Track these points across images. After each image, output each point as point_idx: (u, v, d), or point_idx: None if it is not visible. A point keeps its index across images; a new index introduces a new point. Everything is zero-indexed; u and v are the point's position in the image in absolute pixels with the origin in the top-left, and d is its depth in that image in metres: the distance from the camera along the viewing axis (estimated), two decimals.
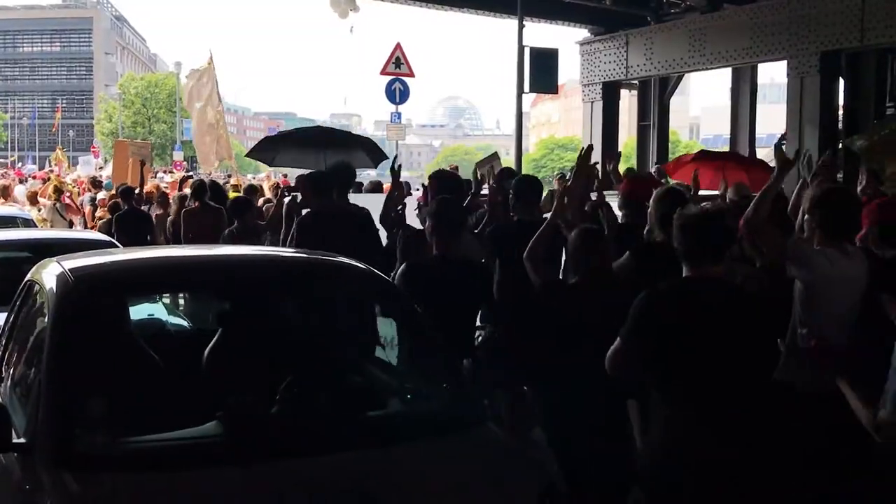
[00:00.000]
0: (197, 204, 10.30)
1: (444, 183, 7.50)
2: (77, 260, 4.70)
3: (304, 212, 7.26)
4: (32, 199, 15.05)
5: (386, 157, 11.30)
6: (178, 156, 46.65)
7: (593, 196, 6.62)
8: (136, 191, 12.14)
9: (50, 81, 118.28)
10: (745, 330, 3.71)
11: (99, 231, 11.08)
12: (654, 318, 3.74)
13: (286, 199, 8.03)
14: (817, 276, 4.38)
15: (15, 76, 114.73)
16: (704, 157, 12.85)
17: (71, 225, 13.90)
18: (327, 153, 10.41)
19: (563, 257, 5.54)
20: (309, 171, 8.49)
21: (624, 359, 3.82)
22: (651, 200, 5.55)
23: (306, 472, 3.44)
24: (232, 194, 12.64)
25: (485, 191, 8.37)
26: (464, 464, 3.69)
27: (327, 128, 12.91)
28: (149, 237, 10.40)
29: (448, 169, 8.69)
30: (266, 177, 23.25)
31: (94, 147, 53.90)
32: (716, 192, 8.84)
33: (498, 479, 3.65)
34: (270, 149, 11.99)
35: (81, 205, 15.73)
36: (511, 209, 6.58)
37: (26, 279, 4.96)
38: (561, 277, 5.52)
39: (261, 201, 12.34)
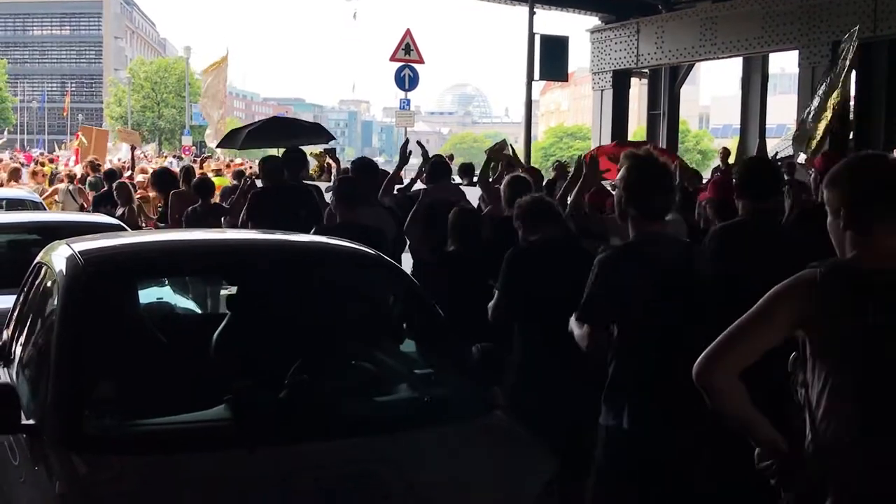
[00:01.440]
0: (185, 187, 10.98)
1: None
2: (86, 242, 4.70)
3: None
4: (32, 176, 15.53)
5: (333, 137, 14.67)
6: (187, 140, 46.68)
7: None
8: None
9: (59, 65, 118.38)
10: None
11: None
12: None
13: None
14: None
15: (25, 59, 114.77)
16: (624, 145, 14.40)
17: (82, 208, 14.03)
18: (281, 139, 12.64)
19: None
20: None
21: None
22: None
23: (314, 456, 3.44)
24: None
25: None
26: (471, 451, 3.69)
27: (281, 117, 15.64)
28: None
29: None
30: None
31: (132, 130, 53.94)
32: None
33: (505, 467, 3.65)
34: (235, 138, 14.19)
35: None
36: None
37: (36, 261, 4.96)
38: None
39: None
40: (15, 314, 5.02)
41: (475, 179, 10.79)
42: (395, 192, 8.33)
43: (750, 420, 2.67)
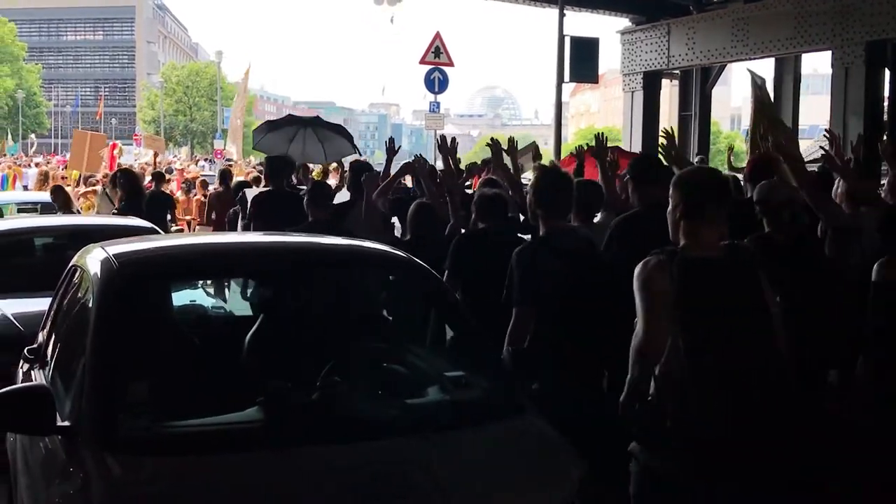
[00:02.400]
0: (221, 188, 11.98)
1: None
2: (121, 245, 4.74)
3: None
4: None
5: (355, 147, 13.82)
6: (219, 144, 46.96)
7: None
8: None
9: (93, 70, 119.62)
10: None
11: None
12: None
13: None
14: None
15: (58, 64, 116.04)
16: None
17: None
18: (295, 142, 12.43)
19: None
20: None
21: None
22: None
23: (345, 458, 3.45)
24: None
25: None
26: (503, 452, 3.69)
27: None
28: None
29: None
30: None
31: (136, 135, 54.45)
32: None
33: (538, 468, 3.65)
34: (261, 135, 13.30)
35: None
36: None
37: (70, 264, 5.02)
38: None
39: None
40: (50, 317, 5.08)
41: None
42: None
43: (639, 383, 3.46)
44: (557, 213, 4.87)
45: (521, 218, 6.66)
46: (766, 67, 36.76)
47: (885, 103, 17.80)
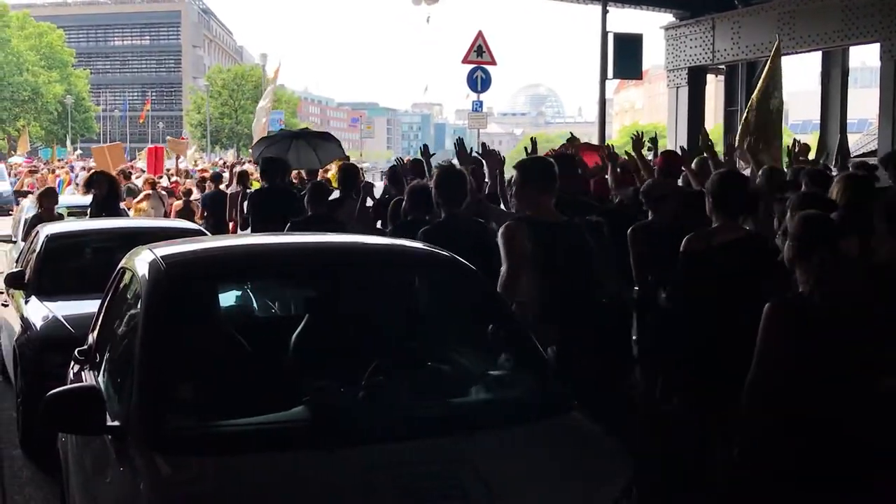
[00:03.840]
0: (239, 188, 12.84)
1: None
2: (168, 247, 4.80)
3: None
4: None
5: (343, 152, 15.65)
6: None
7: None
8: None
9: (140, 74, 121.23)
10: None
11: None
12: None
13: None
14: None
15: (106, 69, 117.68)
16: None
17: (166, 215, 14.96)
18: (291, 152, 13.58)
19: None
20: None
21: None
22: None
23: (392, 457, 3.46)
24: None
25: None
26: (548, 452, 3.67)
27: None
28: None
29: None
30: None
31: (183, 138, 55.06)
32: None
33: (582, 468, 3.63)
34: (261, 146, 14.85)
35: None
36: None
37: (119, 266, 5.08)
38: None
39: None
40: (100, 318, 5.15)
41: None
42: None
43: None
44: (453, 203, 6.17)
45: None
46: (813, 61, 36.33)
47: None
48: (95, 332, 5.09)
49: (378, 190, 10.27)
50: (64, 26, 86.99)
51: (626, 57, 19.66)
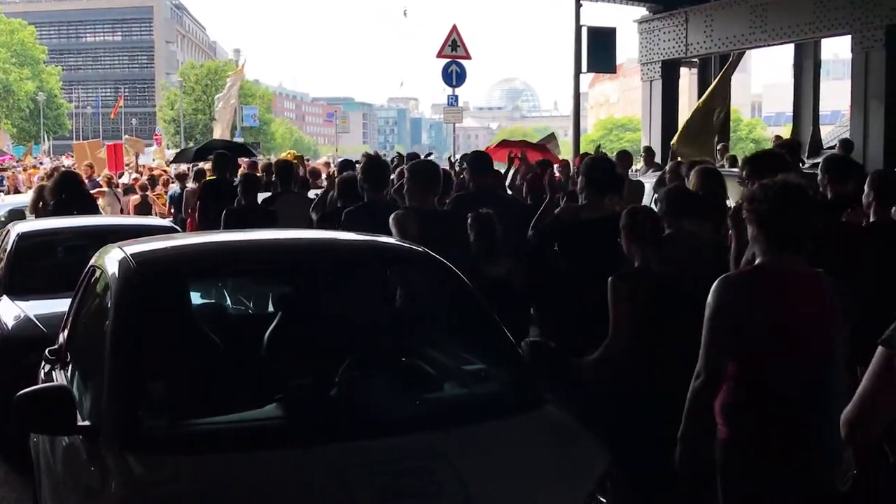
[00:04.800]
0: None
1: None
2: (139, 245, 4.75)
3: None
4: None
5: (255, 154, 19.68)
6: (238, 141, 47.08)
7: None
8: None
9: (112, 70, 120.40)
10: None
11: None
12: None
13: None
14: None
15: (78, 66, 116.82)
16: (507, 144, 16.34)
17: (122, 210, 15.25)
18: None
19: None
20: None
21: None
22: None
23: (366, 454, 3.44)
24: None
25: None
26: (523, 446, 3.68)
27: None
28: None
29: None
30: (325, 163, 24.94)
31: (157, 135, 54.71)
32: None
33: (557, 462, 3.63)
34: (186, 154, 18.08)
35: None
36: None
37: (89, 264, 5.03)
38: None
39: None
40: (70, 317, 5.10)
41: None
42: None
43: None
44: (352, 198, 7.20)
45: None
46: (785, 53, 36.54)
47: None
48: (66, 332, 5.05)
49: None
50: (35, 23, 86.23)
51: (599, 51, 19.68)
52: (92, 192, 15.54)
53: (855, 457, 3.19)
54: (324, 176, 14.40)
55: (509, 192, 9.25)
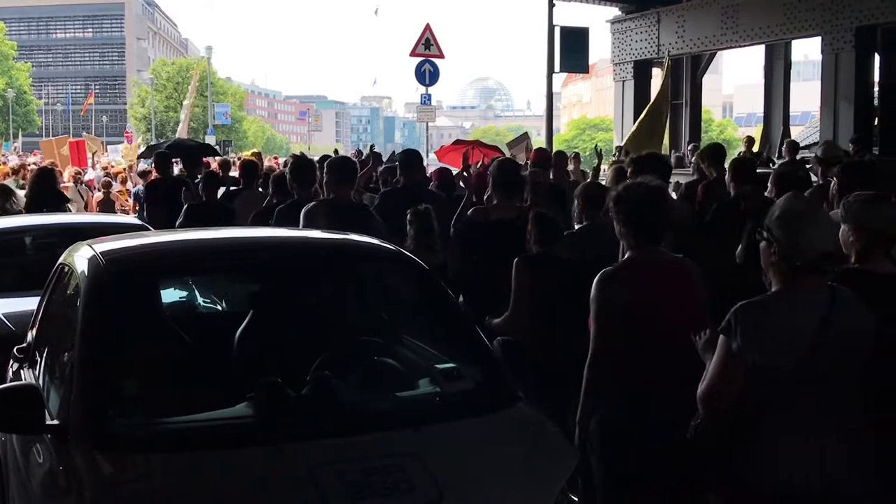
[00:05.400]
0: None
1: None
2: (108, 243, 4.72)
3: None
4: None
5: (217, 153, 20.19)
6: (211, 139, 46.87)
7: None
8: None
9: (83, 67, 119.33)
10: None
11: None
12: None
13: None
14: None
15: (48, 62, 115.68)
16: (460, 143, 17.16)
17: (86, 207, 15.61)
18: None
19: None
20: None
21: None
22: None
23: (338, 452, 3.44)
24: None
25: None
26: (495, 444, 3.68)
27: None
28: None
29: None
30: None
31: (127, 132, 54.30)
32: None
33: (529, 460, 3.64)
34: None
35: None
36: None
37: (58, 262, 4.99)
38: None
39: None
40: (39, 315, 5.06)
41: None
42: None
43: None
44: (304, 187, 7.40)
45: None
46: (756, 55, 36.79)
47: (876, 89, 17.80)
48: (34, 330, 5.00)
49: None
50: (4, 19, 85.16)
51: (572, 51, 19.72)
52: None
53: (705, 424, 3.45)
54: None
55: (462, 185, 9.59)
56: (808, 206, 3.48)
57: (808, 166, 10.25)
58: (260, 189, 10.00)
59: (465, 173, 9.86)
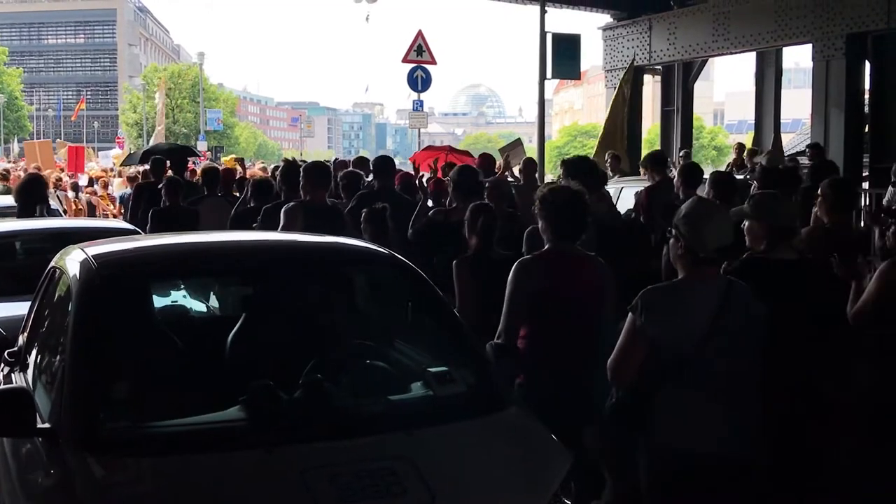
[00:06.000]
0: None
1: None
2: (100, 246, 4.71)
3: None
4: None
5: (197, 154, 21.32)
6: (203, 146, 46.81)
7: None
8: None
9: (74, 73, 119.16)
10: None
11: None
12: None
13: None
14: None
15: (40, 68, 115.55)
16: (431, 148, 17.63)
17: (65, 213, 15.37)
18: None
19: None
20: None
21: None
22: None
23: (329, 455, 3.43)
24: None
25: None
26: (488, 446, 3.68)
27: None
28: None
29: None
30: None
31: (119, 138, 54.24)
32: None
33: (521, 464, 3.64)
34: (135, 155, 18.58)
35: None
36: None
37: (50, 265, 4.98)
38: None
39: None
40: (30, 319, 5.04)
41: None
42: None
43: None
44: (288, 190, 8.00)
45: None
46: (747, 62, 36.94)
47: (866, 96, 17.84)
48: (25, 333, 4.99)
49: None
50: None
51: (564, 57, 19.70)
52: None
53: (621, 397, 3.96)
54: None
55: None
56: (709, 207, 4.14)
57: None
58: (219, 194, 10.66)
59: (422, 180, 10.24)
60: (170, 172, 12.54)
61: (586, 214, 4.82)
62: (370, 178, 9.98)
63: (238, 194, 11.09)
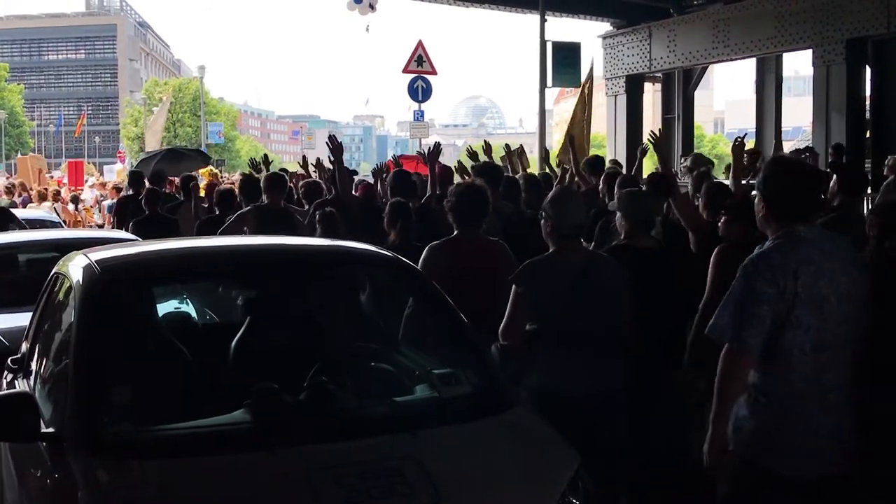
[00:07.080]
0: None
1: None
2: (103, 252, 4.71)
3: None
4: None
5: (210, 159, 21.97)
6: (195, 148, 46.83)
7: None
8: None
9: (75, 88, 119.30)
10: None
11: None
12: None
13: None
14: None
15: (41, 84, 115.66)
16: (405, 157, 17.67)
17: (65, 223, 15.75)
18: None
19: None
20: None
21: None
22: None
23: (334, 458, 3.41)
24: None
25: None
26: (493, 447, 3.67)
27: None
28: None
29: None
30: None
31: (120, 152, 54.33)
32: None
33: (528, 464, 3.62)
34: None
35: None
36: None
37: (53, 272, 4.98)
38: None
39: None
40: (33, 325, 5.03)
41: None
42: None
43: None
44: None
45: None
46: (747, 70, 36.98)
47: (867, 101, 17.86)
48: (29, 340, 4.98)
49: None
50: None
51: (564, 65, 19.76)
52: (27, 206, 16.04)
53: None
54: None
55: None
56: (568, 192, 5.59)
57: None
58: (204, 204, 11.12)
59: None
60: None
61: (486, 206, 5.67)
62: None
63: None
